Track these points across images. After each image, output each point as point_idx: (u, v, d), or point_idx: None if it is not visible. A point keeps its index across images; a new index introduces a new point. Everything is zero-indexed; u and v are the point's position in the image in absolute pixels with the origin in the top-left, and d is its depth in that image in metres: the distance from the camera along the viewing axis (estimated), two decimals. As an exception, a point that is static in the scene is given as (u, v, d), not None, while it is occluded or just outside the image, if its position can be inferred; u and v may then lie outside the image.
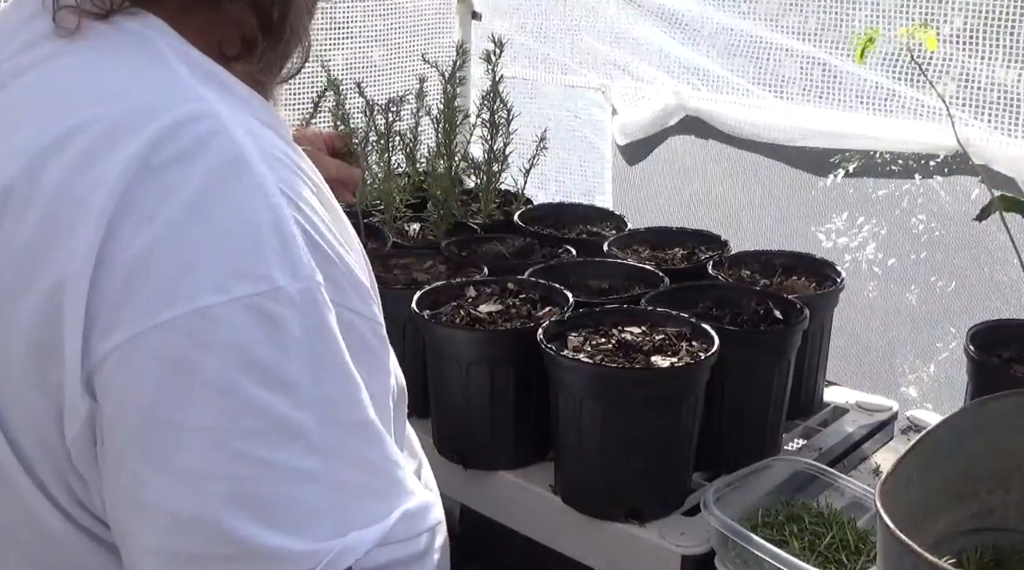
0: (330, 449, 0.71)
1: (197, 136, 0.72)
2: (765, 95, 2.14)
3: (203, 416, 0.68)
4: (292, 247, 0.71)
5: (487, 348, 1.51)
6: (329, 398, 0.72)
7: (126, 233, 0.69)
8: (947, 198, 2.01)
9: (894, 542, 0.90)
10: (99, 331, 0.68)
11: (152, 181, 0.70)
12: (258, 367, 0.69)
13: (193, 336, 0.68)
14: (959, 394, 1.64)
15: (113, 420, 0.69)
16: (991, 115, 1.82)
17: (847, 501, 1.42)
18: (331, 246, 0.76)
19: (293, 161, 0.78)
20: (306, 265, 0.72)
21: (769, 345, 1.51)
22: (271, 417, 0.69)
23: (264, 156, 0.74)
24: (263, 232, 0.71)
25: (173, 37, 0.79)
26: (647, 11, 2.30)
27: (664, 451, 1.42)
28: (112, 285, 0.68)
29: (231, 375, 0.68)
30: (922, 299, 2.09)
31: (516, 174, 2.09)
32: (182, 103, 0.74)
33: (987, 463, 1.11)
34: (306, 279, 0.71)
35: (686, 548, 1.36)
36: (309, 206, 0.75)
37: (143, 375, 0.68)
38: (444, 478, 1.20)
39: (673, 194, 2.46)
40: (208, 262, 0.69)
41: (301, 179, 0.77)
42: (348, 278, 0.77)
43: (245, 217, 0.71)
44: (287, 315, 0.70)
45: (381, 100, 1.98)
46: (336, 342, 0.73)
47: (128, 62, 0.77)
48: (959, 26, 1.83)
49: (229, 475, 0.68)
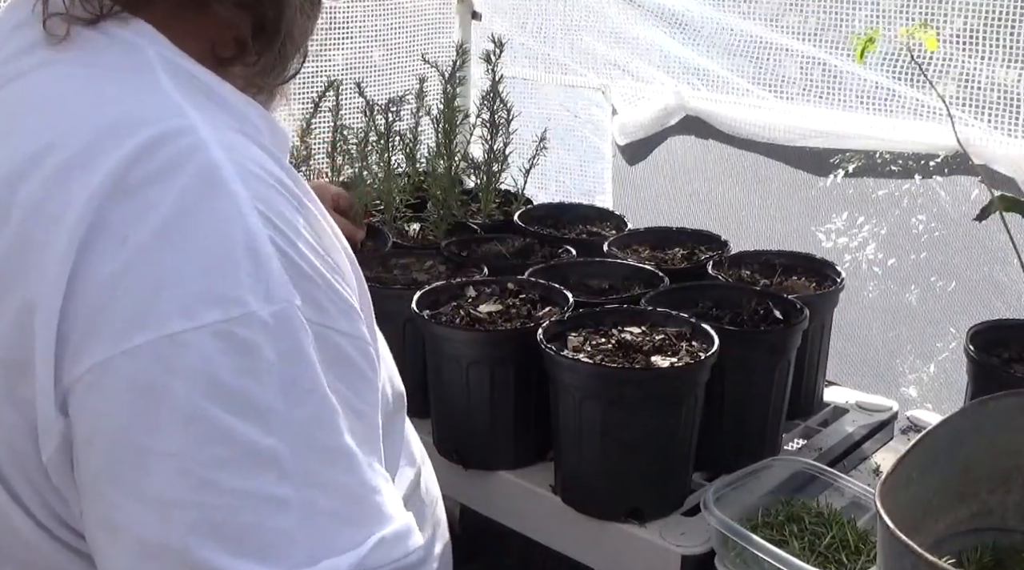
0: (303, 476, 0.70)
1: (173, 154, 0.71)
2: (765, 95, 2.14)
3: (171, 443, 0.67)
4: (266, 268, 0.70)
5: (487, 348, 1.51)
6: (303, 423, 0.71)
7: (98, 256, 0.68)
8: (947, 198, 2.01)
9: (894, 542, 0.90)
10: (71, 355, 0.68)
11: (125, 202, 0.69)
12: (227, 394, 0.68)
13: (162, 362, 0.67)
14: (959, 394, 1.64)
15: (85, 443, 0.69)
16: (991, 115, 1.82)
17: (847, 501, 1.42)
18: (312, 266, 0.74)
19: (275, 177, 0.76)
20: (281, 286, 0.71)
21: (769, 345, 1.51)
22: (241, 444, 0.68)
23: (242, 173, 0.73)
24: (236, 254, 0.70)
25: (163, 45, 0.78)
26: (647, 11, 2.30)
27: (664, 451, 1.42)
28: (83, 309, 0.68)
29: (199, 402, 0.67)
30: (922, 299, 2.09)
31: (516, 174, 2.09)
32: (161, 119, 0.73)
33: (987, 463, 1.11)
34: (281, 301, 0.70)
35: (686, 548, 1.36)
36: (288, 224, 0.74)
37: (113, 400, 0.67)
38: (444, 478, 1.20)
39: (673, 194, 2.46)
40: (178, 286, 0.68)
41: (283, 196, 0.75)
42: (331, 298, 0.75)
43: (217, 238, 0.70)
44: (259, 340, 0.69)
45: (381, 100, 1.98)
46: (311, 366, 0.72)
47: (114, 74, 0.76)
48: (959, 26, 1.82)
49: (197, 503, 0.67)
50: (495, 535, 1.64)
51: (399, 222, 1.99)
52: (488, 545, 1.75)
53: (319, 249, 0.76)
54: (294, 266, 0.72)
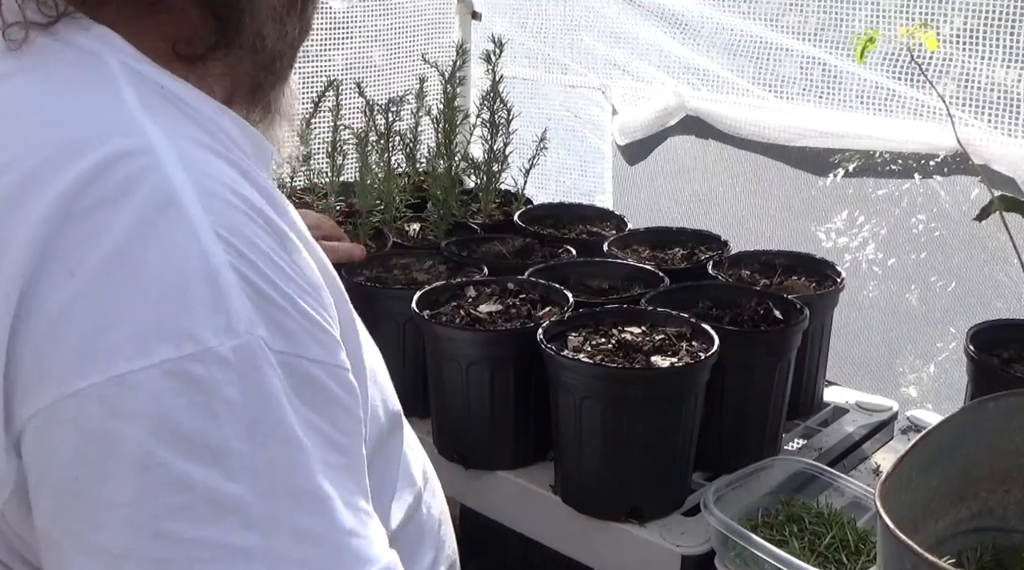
0: (269, 522, 0.65)
1: (126, 176, 0.66)
2: (765, 95, 2.14)
3: (121, 492, 0.62)
4: (226, 299, 0.65)
5: (487, 348, 1.51)
6: (268, 466, 0.65)
7: (45, 289, 0.64)
8: (947, 198, 2.01)
9: (894, 542, 0.90)
10: (19, 396, 0.64)
11: (74, 229, 0.65)
12: (182, 437, 0.63)
13: (109, 405, 0.62)
14: (959, 394, 1.64)
15: (36, 490, 0.65)
16: (991, 115, 1.82)
17: (847, 501, 1.42)
18: (281, 291, 0.69)
19: (243, 197, 0.70)
20: (243, 318, 0.66)
21: (769, 345, 1.51)
22: (198, 491, 0.63)
23: (202, 195, 0.68)
24: (192, 284, 0.65)
25: (125, 52, 0.74)
26: (647, 11, 2.30)
27: (664, 451, 1.42)
28: (31, 348, 0.64)
29: (151, 447, 0.62)
30: (922, 299, 2.09)
31: (516, 174, 2.09)
32: (117, 137, 0.68)
33: (987, 463, 1.11)
34: (242, 334, 0.65)
35: (686, 548, 1.36)
36: (254, 249, 0.68)
37: (60, 446, 0.63)
38: (444, 478, 1.19)
39: (673, 194, 2.46)
40: (128, 322, 0.63)
41: (249, 218, 0.70)
42: (303, 324, 0.70)
43: (172, 268, 0.65)
44: (217, 377, 0.64)
45: (381, 100, 1.98)
46: (277, 403, 0.66)
47: (73, 87, 0.73)
48: (959, 26, 1.82)
49: (151, 557, 0.62)
50: (495, 535, 1.65)
51: (399, 222, 1.99)
52: (488, 545, 1.75)
53: (290, 272, 0.71)
54: (259, 294, 0.67)
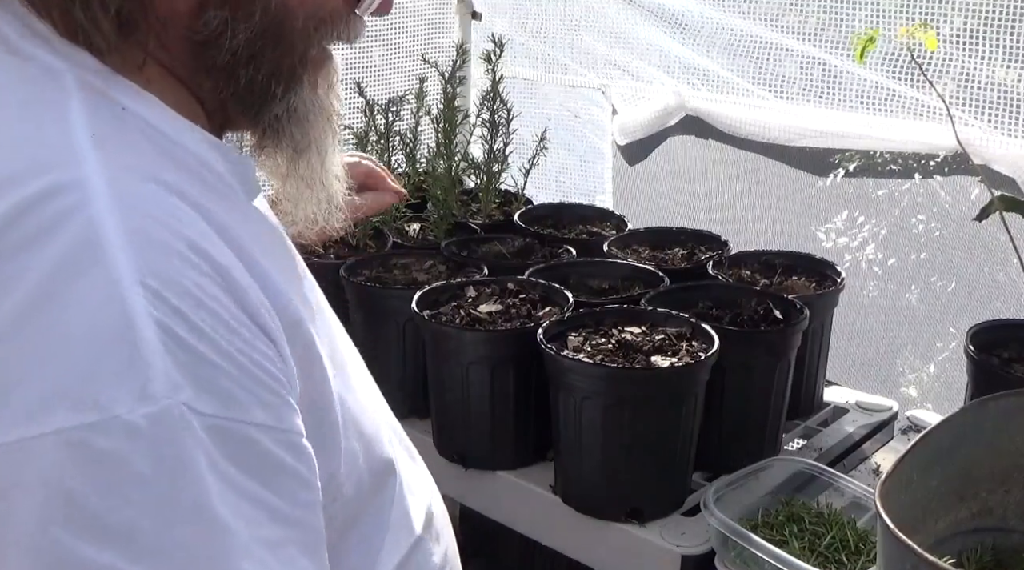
0: None
1: (52, 215, 0.61)
2: (765, 95, 2.14)
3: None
4: (145, 358, 0.59)
5: (487, 348, 1.51)
6: (183, 547, 0.59)
7: None
8: (947, 198, 2.01)
9: (894, 542, 0.90)
10: None
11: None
12: (81, 515, 0.56)
13: (3, 474, 0.57)
14: (959, 394, 1.64)
15: None
16: (991, 115, 1.82)
17: (847, 501, 1.42)
18: (221, 350, 0.62)
19: (185, 239, 0.64)
20: (162, 381, 0.59)
21: (769, 345, 1.51)
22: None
23: (133, 236, 0.62)
24: (105, 342, 0.59)
25: (89, 68, 0.70)
26: (647, 11, 2.30)
27: (664, 451, 1.42)
28: None
29: (47, 526, 0.56)
30: (922, 299, 2.09)
31: (516, 174, 2.09)
32: (50, 170, 0.63)
33: (987, 463, 1.11)
34: (160, 400, 0.59)
35: (686, 548, 1.36)
36: (190, 299, 0.62)
37: None
38: (444, 478, 1.20)
39: (673, 194, 2.46)
40: (30, 383, 0.58)
41: (188, 263, 0.63)
42: (247, 386, 0.63)
43: (85, 323, 0.59)
44: (123, 449, 0.57)
45: (381, 100, 1.98)
46: (196, 476, 0.59)
47: (22, 111, 0.67)
48: (959, 26, 1.82)
49: None
50: (495, 535, 1.65)
51: (399, 222, 2.00)
52: (488, 545, 1.75)
53: (235, 324, 0.64)
54: (189, 352, 0.61)
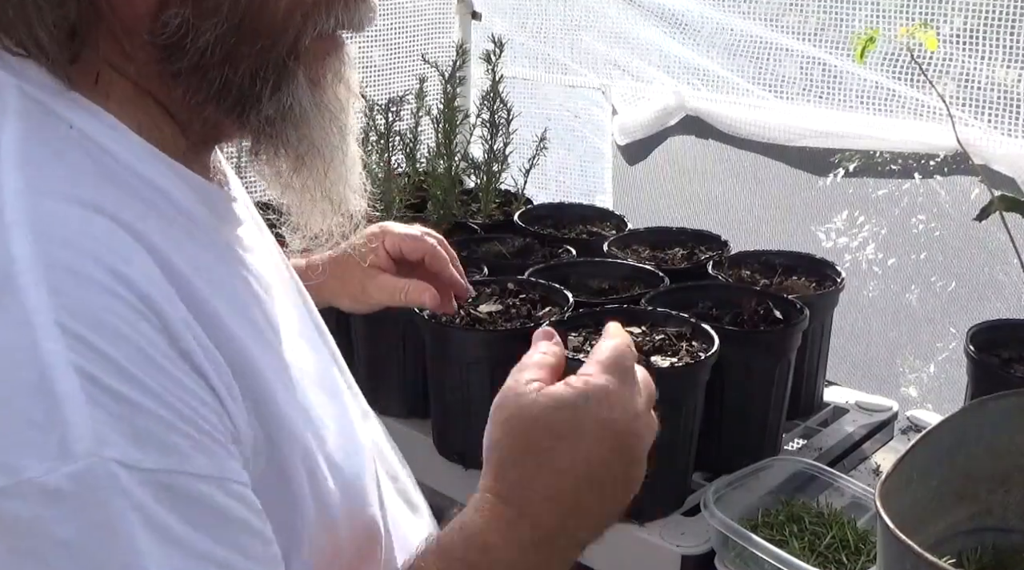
0: None
1: None
2: (765, 95, 2.14)
3: None
4: (63, 412, 0.54)
5: (487, 348, 1.51)
6: None
7: None
8: (947, 198, 2.01)
9: (894, 542, 0.90)
10: None
11: None
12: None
13: None
14: (959, 394, 1.64)
15: None
16: (991, 115, 1.82)
17: (847, 501, 1.42)
18: (154, 395, 0.58)
19: (115, 273, 0.59)
20: (85, 436, 0.54)
21: (769, 345, 1.51)
22: None
23: (52, 271, 0.57)
24: (16, 397, 0.54)
25: (38, 83, 0.65)
26: (647, 11, 2.30)
27: (664, 451, 1.41)
28: None
29: None
30: (922, 299, 2.09)
31: (516, 174, 2.09)
32: None
33: (987, 463, 1.11)
34: (82, 457, 0.54)
35: (686, 548, 1.36)
36: (117, 340, 0.57)
37: None
38: (444, 478, 1.20)
39: (673, 194, 2.46)
40: None
41: (116, 297, 0.58)
42: (187, 432, 0.59)
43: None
44: (40, 515, 0.53)
45: (381, 100, 1.98)
46: (127, 539, 0.55)
47: None
48: (959, 26, 1.82)
49: None
50: (495, 535, 1.64)
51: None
52: (488, 545, 1.74)
53: (170, 367, 0.59)
54: (117, 400, 0.56)
